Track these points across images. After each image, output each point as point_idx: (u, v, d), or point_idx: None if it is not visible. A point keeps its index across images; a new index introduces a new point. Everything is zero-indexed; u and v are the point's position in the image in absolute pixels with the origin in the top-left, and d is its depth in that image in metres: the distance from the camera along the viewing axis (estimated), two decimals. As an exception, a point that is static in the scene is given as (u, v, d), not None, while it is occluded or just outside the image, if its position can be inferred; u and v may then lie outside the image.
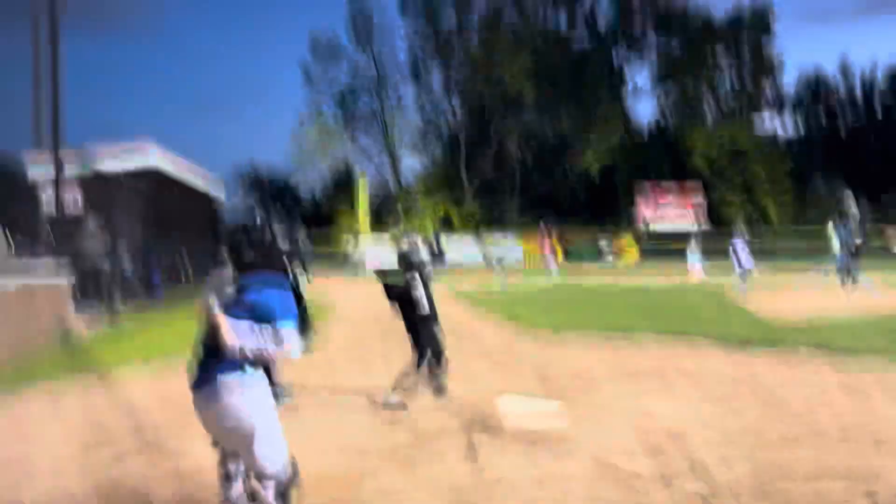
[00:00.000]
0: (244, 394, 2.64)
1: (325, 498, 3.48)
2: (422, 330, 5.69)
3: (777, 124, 48.30)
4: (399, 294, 5.73)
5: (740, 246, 16.11)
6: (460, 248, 36.56)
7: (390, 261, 6.28)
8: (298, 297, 2.94)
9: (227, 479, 2.80)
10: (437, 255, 6.67)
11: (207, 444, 2.93)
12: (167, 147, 18.60)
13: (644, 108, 46.26)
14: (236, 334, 2.62)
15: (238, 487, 2.79)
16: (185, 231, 18.61)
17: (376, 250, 36.55)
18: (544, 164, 47.68)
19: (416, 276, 5.72)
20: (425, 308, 5.70)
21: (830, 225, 14.58)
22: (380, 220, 40.77)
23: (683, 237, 41.00)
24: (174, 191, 18.81)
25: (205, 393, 2.66)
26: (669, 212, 41.86)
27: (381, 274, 6.11)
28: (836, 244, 14.45)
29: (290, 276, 2.97)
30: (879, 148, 48.05)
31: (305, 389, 6.09)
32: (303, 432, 4.63)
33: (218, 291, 2.79)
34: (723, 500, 3.37)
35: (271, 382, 4.71)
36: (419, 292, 5.68)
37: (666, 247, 41.70)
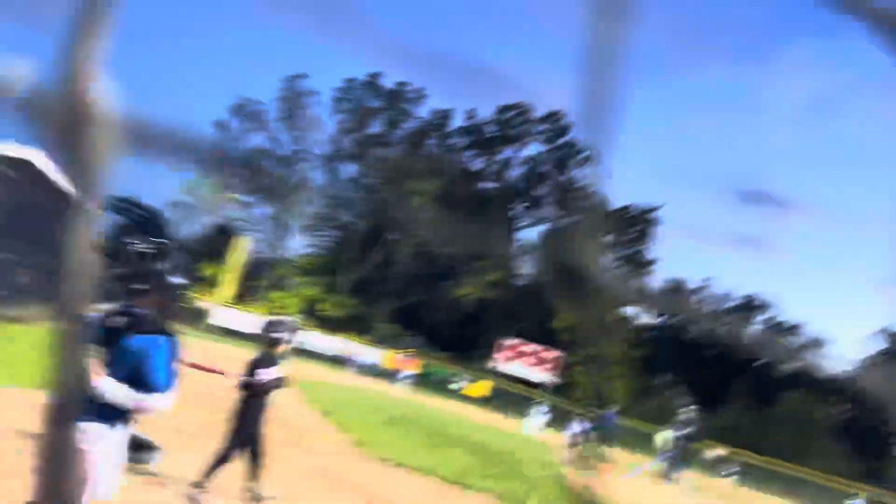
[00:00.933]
0: (96, 442, 2.59)
1: None
2: (248, 419, 5.43)
3: (640, 313, 52.27)
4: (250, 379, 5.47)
5: (576, 424, 17.54)
6: (322, 338, 35.97)
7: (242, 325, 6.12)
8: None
9: None
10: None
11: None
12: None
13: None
14: (105, 382, 2.56)
15: None
16: (52, 238, 17.16)
17: (233, 313, 35.31)
18: (426, 281, 48.69)
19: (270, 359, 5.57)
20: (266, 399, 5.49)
21: (662, 435, 15.75)
22: (249, 286, 39.65)
23: (534, 386, 42.68)
24: (47, 192, 17.37)
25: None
26: (526, 360, 43.48)
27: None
28: (664, 444, 15.61)
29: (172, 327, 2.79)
30: (720, 360, 52.79)
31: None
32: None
33: (97, 333, 2.68)
34: None
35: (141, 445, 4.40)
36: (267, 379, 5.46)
37: (516, 390, 43.04)
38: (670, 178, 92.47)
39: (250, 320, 35.34)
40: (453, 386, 40.27)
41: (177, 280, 2.86)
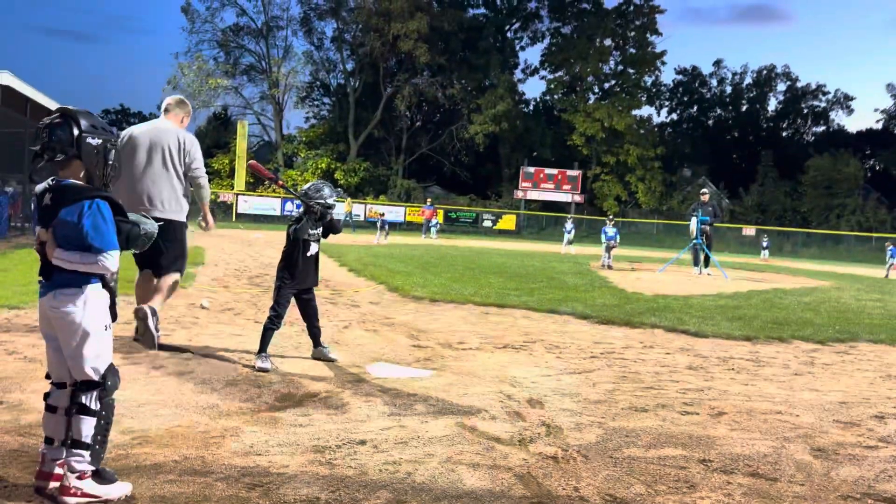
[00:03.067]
0: (80, 303, 2.82)
1: (177, 455, 3.33)
2: (305, 279, 5.51)
3: (653, 111, 51.07)
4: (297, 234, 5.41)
5: (609, 227, 17.76)
6: (341, 205, 36.27)
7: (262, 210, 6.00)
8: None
9: (50, 410, 2.93)
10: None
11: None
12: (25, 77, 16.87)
13: (532, 83, 47.86)
14: (58, 254, 2.77)
15: (58, 417, 2.88)
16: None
17: (255, 200, 35.72)
18: (432, 127, 47.74)
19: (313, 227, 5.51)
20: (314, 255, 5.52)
21: (693, 220, 15.72)
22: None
23: (558, 208, 42.98)
24: (26, 112, 17.16)
25: (46, 300, 2.85)
26: (548, 185, 43.39)
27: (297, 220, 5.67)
28: (693, 230, 15.65)
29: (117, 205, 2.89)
30: (742, 140, 52.00)
31: (170, 343, 5.78)
32: (158, 389, 4.41)
33: (36, 213, 2.86)
34: (573, 462, 3.55)
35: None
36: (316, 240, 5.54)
37: (540, 216, 43.54)
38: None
39: (272, 204, 35.89)
40: (482, 224, 40.68)
41: (95, 141, 2.83)
